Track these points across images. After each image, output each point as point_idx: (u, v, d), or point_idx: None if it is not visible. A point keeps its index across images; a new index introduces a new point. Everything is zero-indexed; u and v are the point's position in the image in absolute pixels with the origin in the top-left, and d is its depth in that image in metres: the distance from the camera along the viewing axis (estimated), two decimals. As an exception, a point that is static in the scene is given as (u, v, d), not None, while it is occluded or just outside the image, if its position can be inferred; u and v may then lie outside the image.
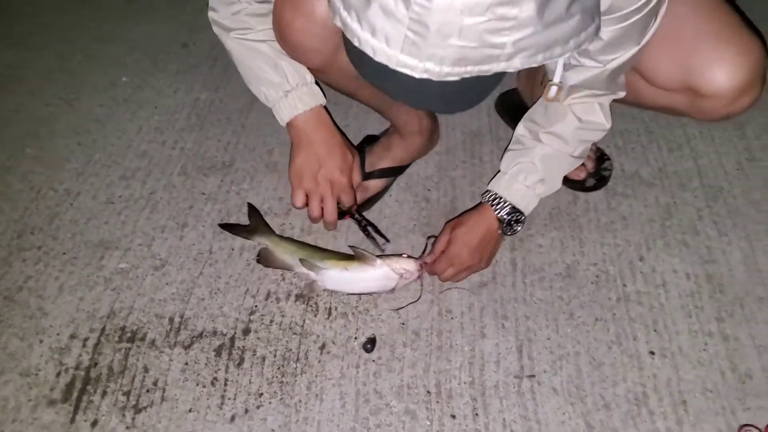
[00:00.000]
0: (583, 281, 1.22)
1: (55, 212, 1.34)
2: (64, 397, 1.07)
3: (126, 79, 1.67)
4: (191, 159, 1.45)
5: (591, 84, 1.06)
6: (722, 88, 1.01)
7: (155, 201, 1.36)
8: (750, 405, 1.04)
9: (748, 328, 1.14)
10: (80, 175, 1.42)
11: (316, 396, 1.06)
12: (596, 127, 1.10)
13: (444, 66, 0.70)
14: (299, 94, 1.13)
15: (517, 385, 1.07)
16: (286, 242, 1.24)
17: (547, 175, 1.13)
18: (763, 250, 1.26)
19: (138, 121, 1.55)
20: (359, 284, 1.18)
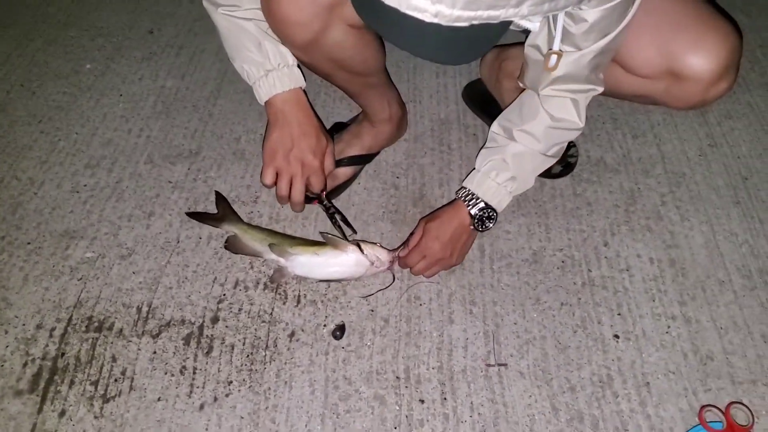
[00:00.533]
0: (550, 267, 1.23)
1: (19, 201, 1.32)
2: (30, 387, 1.06)
3: (90, 66, 1.64)
4: (157, 147, 1.44)
5: (573, 74, 1.06)
6: (702, 72, 1.04)
7: (121, 190, 1.35)
8: (711, 386, 1.07)
9: (709, 311, 1.17)
10: (44, 163, 1.40)
11: (285, 383, 1.07)
12: (569, 126, 1.11)
13: (455, 9, 0.71)
14: (280, 74, 1.13)
15: (484, 369, 1.09)
16: (254, 230, 1.24)
17: (518, 173, 1.14)
18: (724, 234, 1.29)
19: (102, 109, 1.53)
20: (329, 270, 1.18)
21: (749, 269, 1.23)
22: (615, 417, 1.03)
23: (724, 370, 1.09)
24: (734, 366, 1.10)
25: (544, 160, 1.16)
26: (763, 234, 1.29)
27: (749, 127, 1.50)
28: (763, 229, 1.30)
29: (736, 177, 1.39)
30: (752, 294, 1.19)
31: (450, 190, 1.35)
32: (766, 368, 1.09)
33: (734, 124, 1.51)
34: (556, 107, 1.10)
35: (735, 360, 1.10)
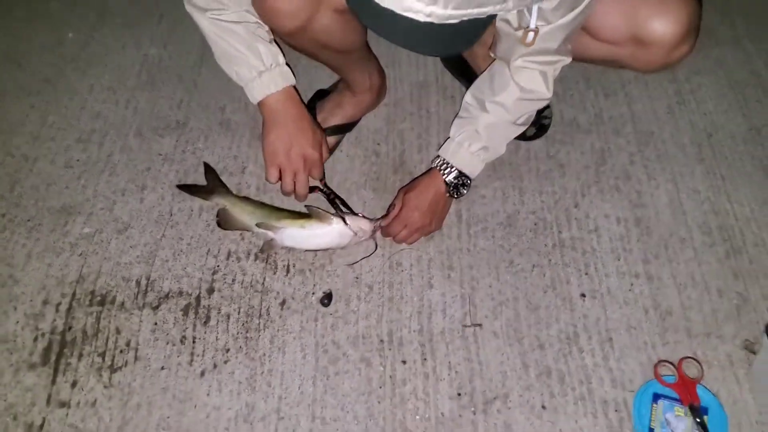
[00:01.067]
0: (523, 229, 1.31)
1: (16, 179, 1.38)
2: (43, 360, 1.14)
3: (72, 35, 1.67)
4: (145, 119, 1.49)
5: (544, 47, 1.10)
6: (664, 37, 1.11)
7: (113, 164, 1.41)
8: (669, 339, 1.17)
9: (670, 268, 1.26)
10: (36, 139, 1.45)
11: (278, 349, 1.16)
12: (537, 96, 1.17)
13: (448, 9, 0.78)
14: (272, 75, 1.17)
15: (461, 330, 1.18)
16: (243, 202, 1.30)
17: (490, 142, 1.20)
18: (687, 192, 1.37)
19: (89, 80, 1.57)
20: (315, 240, 1.26)
21: (709, 226, 1.31)
22: (580, 371, 1.13)
23: (682, 325, 1.19)
24: (691, 320, 1.19)
25: (515, 129, 1.22)
26: (724, 191, 1.37)
27: (716, 83, 1.56)
28: (724, 186, 1.37)
29: (701, 134, 1.46)
30: (711, 250, 1.28)
31: (429, 155, 1.42)
32: (719, 321, 1.19)
33: (702, 80, 1.57)
34: (525, 79, 1.16)
35: (692, 314, 1.20)
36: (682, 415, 1.05)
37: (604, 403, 1.10)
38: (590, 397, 1.10)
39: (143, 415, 1.08)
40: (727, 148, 1.43)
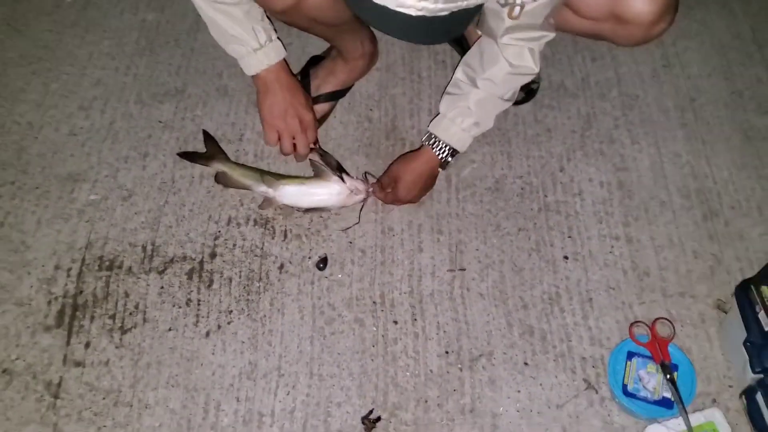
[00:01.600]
0: (510, 194, 1.37)
1: (22, 146, 1.43)
2: (57, 323, 1.22)
3: (70, 0, 1.69)
4: (145, 85, 1.53)
5: (530, 23, 1.14)
6: (643, 15, 1.15)
7: (115, 131, 1.46)
8: (645, 299, 1.24)
9: (649, 231, 1.32)
10: (39, 106, 1.49)
11: (278, 311, 1.23)
12: (525, 71, 1.20)
13: (439, 3, 0.83)
14: (266, 50, 1.24)
15: (449, 292, 1.25)
16: (242, 167, 1.36)
17: (481, 118, 1.24)
18: (669, 156, 1.42)
19: (88, 47, 1.60)
20: (313, 198, 1.32)
21: (688, 189, 1.37)
22: (561, 330, 1.21)
23: (658, 285, 1.26)
24: (666, 280, 1.26)
25: (503, 104, 1.26)
26: (704, 155, 1.42)
27: (702, 46, 1.60)
28: (704, 150, 1.43)
29: (684, 98, 1.51)
30: (689, 213, 1.34)
31: (420, 121, 1.46)
32: (693, 281, 1.26)
33: (688, 43, 1.60)
34: (513, 55, 1.19)
35: (668, 275, 1.27)
36: (654, 372, 1.13)
37: (582, 360, 1.18)
38: (570, 354, 1.18)
39: (153, 374, 1.16)
40: (708, 113, 1.48)
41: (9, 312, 1.22)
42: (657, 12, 1.16)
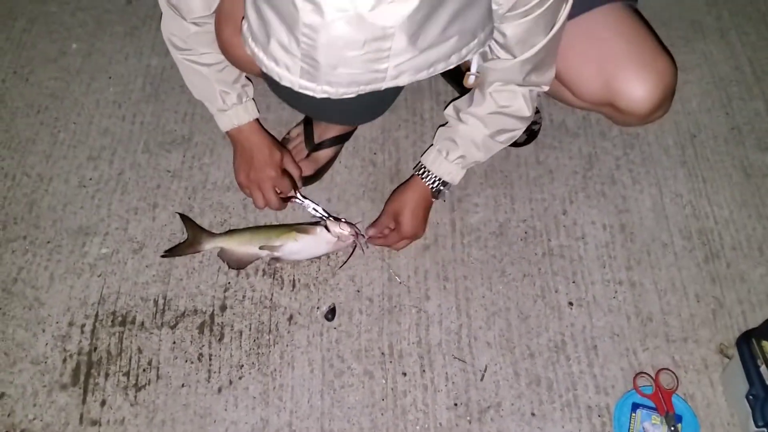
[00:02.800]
0: (514, 238, 1.39)
1: (33, 199, 1.46)
2: (73, 380, 1.25)
3: (75, 46, 1.71)
4: (152, 134, 1.55)
5: (507, 77, 1.17)
6: (639, 108, 1.19)
7: (125, 182, 1.48)
8: (648, 345, 1.26)
9: (652, 274, 1.34)
10: (49, 157, 1.52)
11: (288, 364, 1.26)
12: (515, 113, 1.22)
13: (339, 88, 0.83)
14: (235, 111, 1.31)
15: (456, 341, 1.27)
16: (234, 235, 1.38)
17: (467, 152, 1.26)
18: (670, 196, 1.44)
19: (94, 94, 1.62)
20: (309, 250, 1.35)
21: (690, 230, 1.39)
22: (567, 378, 1.23)
23: (661, 330, 1.28)
24: (669, 325, 1.28)
25: (494, 144, 1.27)
26: (705, 194, 1.44)
27: (701, 80, 1.61)
28: (705, 189, 1.45)
29: (685, 135, 1.52)
30: (690, 255, 1.36)
31: (424, 164, 1.48)
32: (695, 326, 1.28)
33: (687, 76, 1.61)
34: (503, 98, 1.21)
35: (671, 320, 1.29)
36: (659, 423, 1.15)
37: (588, 408, 1.20)
38: (575, 404, 1.21)
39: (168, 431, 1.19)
40: (709, 150, 1.50)
41: (26, 371, 1.25)
42: (652, 107, 1.22)
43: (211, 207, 1.44)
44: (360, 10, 0.73)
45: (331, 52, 0.78)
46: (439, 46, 0.82)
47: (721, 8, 1.74)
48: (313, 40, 0.77)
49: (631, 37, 1.21)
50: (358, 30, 0.75)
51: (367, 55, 0.78)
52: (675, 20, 1.72)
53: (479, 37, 0.88)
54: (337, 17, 0.74)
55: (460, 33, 0.83)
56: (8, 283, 1.35)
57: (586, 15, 1.22)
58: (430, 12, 0.77)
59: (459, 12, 0.81)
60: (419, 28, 0.77)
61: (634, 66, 1.19)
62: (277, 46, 0.81)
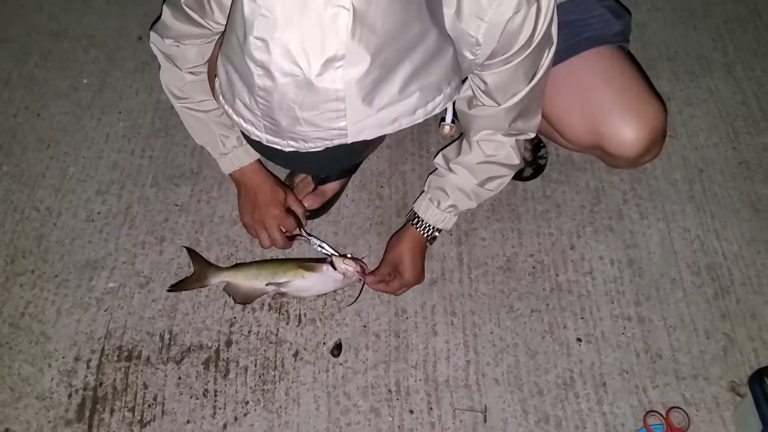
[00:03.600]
0: (521, 273, 1.39)
1: (41, 233, 1.46)
2: (78, 416, 1.24)
3: (87, 81, 1.73)
4: (161, 168, 1.56)
5: (493, 124, 1.19)
6: (627, 152, 1.19)
7: (132, 216, 1.49)
8: (658, 383, 1.25)
9: (661, 310, 1.33)
10: (58, 191, 1.53)
11: (293, 401, 1.25)
12: (502, 161, 1.24)
13: (304, 143, 0.84)
14: (235, 154, 1.34)
15: (464, 378, 1.26)
16: (240, 269, 1.37)
17: (458, 201, 1.28)
18: (678, 231, 1.43)
19: (104, 129, 1.64)
20: (316, 288, 1.35)
21: (698, 266, 1.38)
22: (576, 416, 1.22)
23: (671, 367, 1.27)
24: (679, 362, 1.27)
25: (484, 192, 1.28)
26: (713, 229, 1.43)
27: (708, 115, 1.61)
28: (713, 224, 1.44)
29: (692, 170, 1.52)
30: (699, 291, 1.35)
31: (431, 198, 1.48)
32: (706, 363, 1.27)
33: (694, 111, 1.62)
34: (489, 147, 1.23)
35: (680, 356, 1.28)
36: (669, 463, 1.13)
37: (597, 447, 1.18)
38: (585, 442, 1.19)
39: (173, 469, 1.18)
40: (717, 184, 1.49)
41: (30, 406, 1.24)
42: (640, 149, 1.23)
43: (218, 241, 1.44)
44: (308, 76, 0.74)
45: (287, 112, 0.79)
46: (398, 103, 0.81)
47: (727, 43, 1.75)
48: (269, 102, 0.79)
49: (616, 83, 1.22)
50: (308, 93, 0.76)
51: (322, 115, 0.79)
52: (681, 55, 1.73)
53: (445, 91, 0.87)
54: (285, 81, 0.75)
55: (422, 89, 0.83)
56: (16, 318, 1.35)
57: (573, 60, 1.24)
58: (383, 74, 0.78)
59: (418, 71, 0.81)
60: (373, 90, 0.78)
61: (620, 112, 1.20)
62: (242, 105, 0.84)
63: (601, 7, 1.28)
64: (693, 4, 1.84)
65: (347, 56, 0.74)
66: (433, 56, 0.84)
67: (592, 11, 1.27)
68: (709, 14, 1.82)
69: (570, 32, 1.21)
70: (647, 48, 1.74)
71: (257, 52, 0.75)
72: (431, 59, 0.84)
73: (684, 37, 1.77)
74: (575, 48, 1.24)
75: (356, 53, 0.74)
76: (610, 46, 1.27)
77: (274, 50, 0.74)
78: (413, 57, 0.80)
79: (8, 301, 1.37)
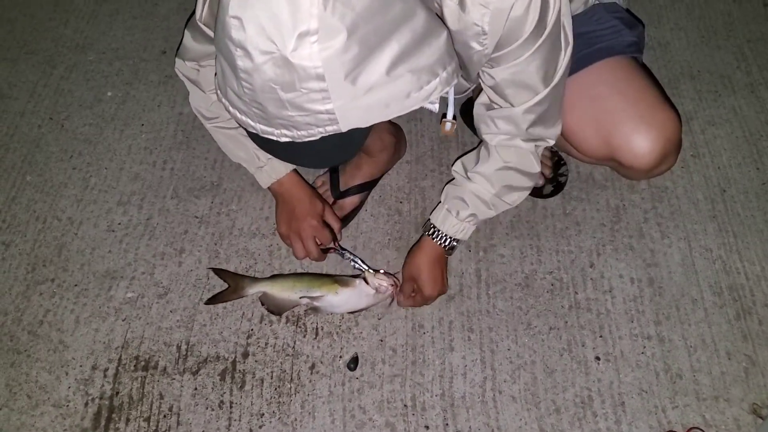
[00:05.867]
0: (540, 290, 1.38)
1: (62, 242, 1.48)
2: (93, 425, 1.24)
3: (111, 94, 1.76)
4: (181, 180, 1.57)
5: (510, 128, 1.16)
6: (641, 163, 1.18)
7: (152, 227, 1.50)
8: (678, 403, 1.23)
9: (681, 330, 1.31)
10: (79, 202, 1.54)
11: (309, 414, 1.24)
12: (522, 167, 1.20)
13: (296, 131, 0.83)
14: (271, 166, 1.34)
15: (481, 395, 1.25)
16: (277, 280, 1.37)
17: (477, 210, 1.24)
18: (700, 251, 1.42)
19: (127, 141, 1.66)
20: (349, 304, 1.34)
21: (720, 286, 1.37)
22: (593, 436, 1.20)
23: (691, 388, 1.25)
24: (700, 383, 1.25)
25: (501, 203, 1.26)
26: (736, 249, 1.41)
27: (731, 134, 1.60)
28: (736, 244, 1.42)
29: (715, 189, 1.51)
30: (721, 311, 1.33)
31: (449, 214, 1.48)
32: (727, 384, 1.25)
33: (717, 131, 1.61)
34: (508, 154, 1.20)
35: (701, 377, 1.26)
36: (689, 485, 1.11)
37: (615, 468, 1.17)
38: (603, 463, 1.17)
39: (186, 480, 1.18)
40: (739, 204, 1.48)
41: (47, 414, 1.25)
42: (654, 159, 1.22)
43: (237, 253, 1.44)
44: (283, 52, 0.74)
45: (270, 95, 0.79)
46: (387, 85, 0.81)
47: (750, 63, 1.73)
48: (251, 84, 0.79)
49: (629, 93, 1.21)
50: (286, 72, 0.76)
51: (305, 96, 0.78)
52: (704, 74, 1.72)
53: (441, 75, 0.86)
54: (263, 60, 0.76)
55: (414, 72, 0.82)
56: (35, 326, 1.36)
57: (586, 71, 1.23)
58: (366, 52, 0.77)
59: (406, 52, 0.81)
60: (355, 68, 0.77)
61: (632, 122, 1.19)
62: (232, 94, 0.84)
63: (614, 18, 1.28)
64: (716, 24, 1.83)
65: (321, 30, 0.74)
66: (424, 37, 0.83)
67: (605, 22, 1.27)
68: (733, 34, 1.81)
69: (583, 43, 1.21)
70: (670, 67, 1.74)
71: (234, 32, 0.76)
72: (421, 40, 0.83)
73: (707, 56, 1.76)
74: (588, 59, 1.24)
75: (331, 27, 0.74)
76: (623, 56, 1.26)
77: (249, 28, 0.75)
78: (399, 37, 0.80)
79: (28, 309, 1.38)
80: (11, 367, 1.30)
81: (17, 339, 1.33)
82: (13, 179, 1.59)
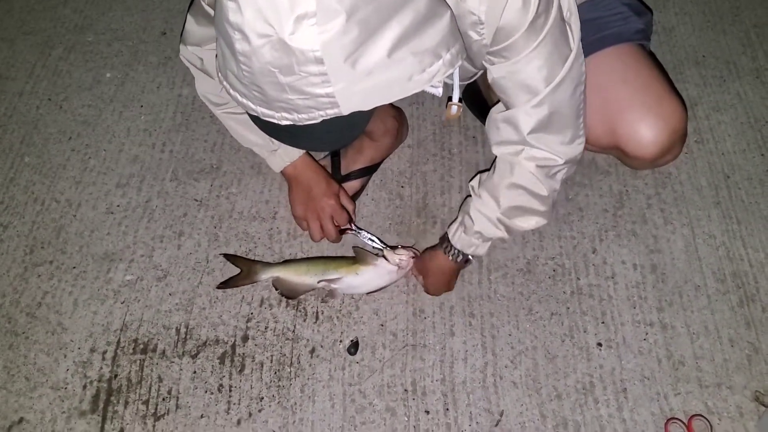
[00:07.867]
0: (542, 276, 1.37)
1: (61, 225, 1.46)
2: (92, 408, 1.23)
3: (110, 75, 1.74)
4: (181, 162, 1.56)
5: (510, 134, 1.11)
6: (645, 152, 1.17)
7: (151, 209, 1.48)
8: (680, 390, 1.22)
9: (684, 317, 1.31)
10: (78, 183, 1.53)
11: (309, 398, 1.23)
12: (527, 186, 1.13)
13: (296, 114, 0.82)
14: (285, 149, 1.32)
15: (481, 380, 1.24)
16: (291, 265, 1.36)
17: (483, 228, 1.19)
18: (703, 237, 1.40)
19: (126, 122, 1.64)
20: (371, 284, 1.33)
21: (723, 273, 1.35)
22: (595, 422, 1.19)
23: (693, 375, 1.24)
24: (702, 370, 1.24)
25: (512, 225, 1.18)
26: (740, 236, 1.40)
27: (735, 120, 1.58)
28: (740, 231, 1.41)
29: (718, 175, 1.49)
30: (724, 298, 1.32)
31: (451, 198, 1.47)
32: (730, 372, 1.24)
33: (721, 117, 1.59)
34: (506, 167, 1.15)
35: (704, 364, 1.25)
36: (691, 472, 1.11)
37: (616, 454, 1.16)
38: (604, 449, 1.17)
39: (185, 463, 1.17)
40: (744, 191, 1.46)
41: (45, 396, 1.24)
42: (658, 149, 1.20)
43: (236, 236, 1.43)
44: (281, 35, 0.73)
45: (269, 78, 0.78)
46: (389, 68, 0.79)
47: (756, 48, 1.72)
48: (250, 68, 0.78)
49: (636, 82, 1.19)
50: (284, 55, 0.74)
51: (304, 79, 0.77)
52: (709, 59, 1.70)
53: (444, 57, 0.84)
54: (261, 43, 0.74)
55: (416, 54, 0.80)
56: (33, 308, 1.35)
57: (592, 58, 1.20)
58: (366, 35, 0.75)
59: (408, 34, 0.79)
60: (355, 51, 0.76)
61: (637, 111, 1.17)
62: (232, 76, 0.82)
63: (622, 4, 1.26)
64: (722, 9, 1.81)
65: (319, 13, 0.72)
66: (426, 19, 0.81)
67: (613, 9, 1.25)
68: (739, 19, 1.79)
69: (590, 30, 1.17)
70: (675, 52, 1.72)
71: (232, 15, 0.74)
72: (424, 22, 0.80)
73: (713, 41, 1.74)
74: (595, 46, 1.21)
75: (329, 9, 0.72)
76: (630, 44, 1.24)
77: (246, 11, 0.73)
78: (401, 18, 0.78)
79: (26, 291, 1.37)
80: (9, 349, 1.29)
81: (15, 321, 1.33)
82: (12, 160, 1.57)
